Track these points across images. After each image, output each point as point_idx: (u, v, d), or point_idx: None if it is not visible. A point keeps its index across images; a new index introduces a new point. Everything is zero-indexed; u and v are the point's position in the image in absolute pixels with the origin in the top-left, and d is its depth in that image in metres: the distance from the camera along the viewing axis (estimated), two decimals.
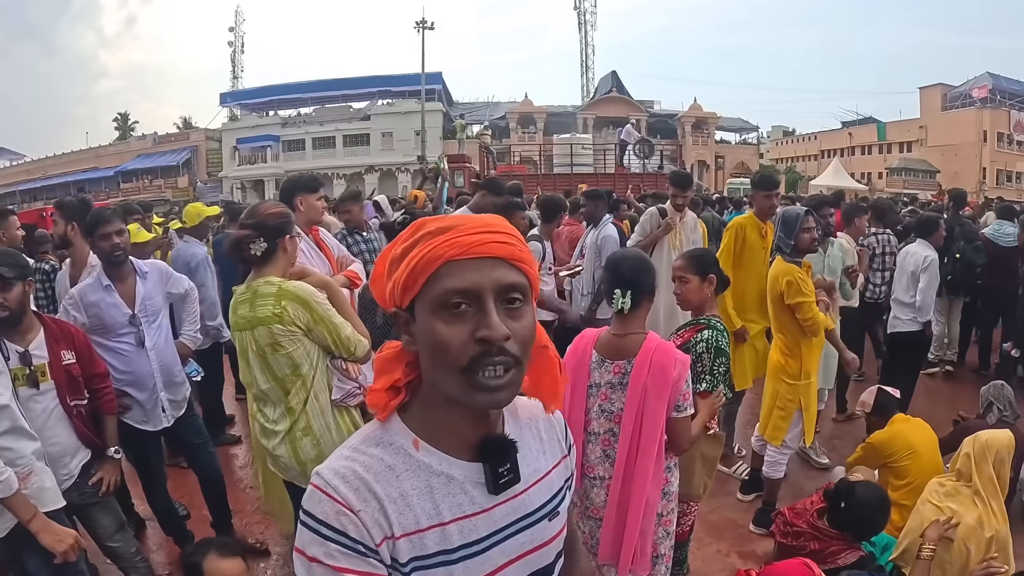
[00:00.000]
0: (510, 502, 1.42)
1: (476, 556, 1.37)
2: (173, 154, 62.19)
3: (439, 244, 1.27)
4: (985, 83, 60.54)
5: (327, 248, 4.96)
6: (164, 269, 5.02)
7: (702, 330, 3.70)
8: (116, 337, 4.46)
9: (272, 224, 3.56)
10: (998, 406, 5.55)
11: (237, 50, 72.68)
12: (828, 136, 73.92)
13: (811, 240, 5.16)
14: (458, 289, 1.25)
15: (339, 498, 1.27)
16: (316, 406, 3.58)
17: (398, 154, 53.33)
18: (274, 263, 3.57)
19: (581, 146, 34.22)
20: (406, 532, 1.31)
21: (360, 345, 3.61)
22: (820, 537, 4.08)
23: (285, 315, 3.40)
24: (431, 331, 1.27)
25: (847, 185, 34.57)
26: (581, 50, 72.32)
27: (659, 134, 52.36)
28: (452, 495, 1.36)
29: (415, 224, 1.35)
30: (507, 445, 1.41)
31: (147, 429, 4.59)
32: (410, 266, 1.29)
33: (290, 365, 3.49)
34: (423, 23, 49.82)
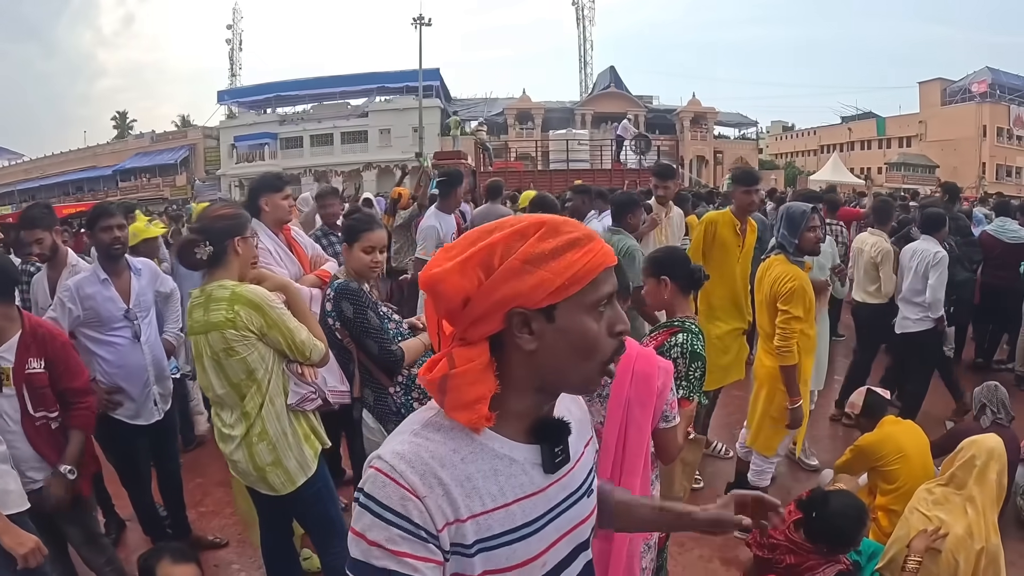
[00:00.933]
0: (561, 481, 1.48)
1: (535, 534, 1.42)
2: (171, 152, 62.17)
3: (599, 251, 1.35)
4: (984, 78, 60.49)
5: (299, 247, 4.98)
6: (154, 268, 5.15)
7: (676, 333, 3.50)
8: (111, 331, 4.52)
9: (218, 227, 3.51)
10: (991, 408, 5.41)
11: (235, 48, 72.96)
12: (827, 131, 74.21)
13: (816, 240, 5.03)
14: (610, 293, 1.37)
15: (405, 483, 1.29)
16: (272, 411, 3.52)
17: (396, 151, 53.26)
18: (225, 266, 3.51)
19: (577, 142, 34.10)
20: (473, 514, 1.33)
21: (316, 349, 3.55)
22: (796, 551, 3.92)
23: (238, 320, 3.34)
24: (584, 329, 1.34)
25: (846, 180, 34.51)
26: (579, 45, 72.54)
27: (657, 129, 52.12)
28: (514, 476, 1.40)
29: (553, 224, 1.36)
30: (563, 428, 1.46)
31: (138, 424, 4.62)
32: (573, 269, 1.31)
33: (244, 370, 3.43)
34: (420, 19, 49.73)
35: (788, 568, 3.88)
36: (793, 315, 4.81)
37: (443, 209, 7.37)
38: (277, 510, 3.85)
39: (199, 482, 6.12)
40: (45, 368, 3.67)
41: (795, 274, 4.89)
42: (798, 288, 4.82)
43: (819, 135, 76.03)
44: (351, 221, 4.13)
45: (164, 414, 4.80)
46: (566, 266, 1.31)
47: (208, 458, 6.45)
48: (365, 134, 57.41)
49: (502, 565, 1.38)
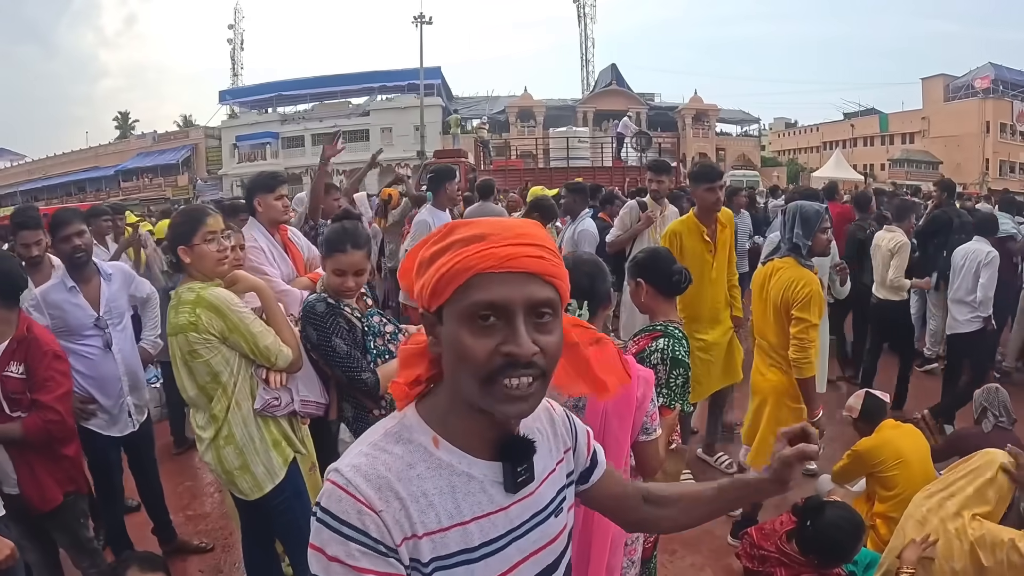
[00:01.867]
0: (524, 500, 1.44)
1: (495, 554, 1.38)
2: (173, 152, 62.34)
3: (471, 254, 1.26)
4: (987, 74, 60.43)
5: (294, 248, 4.91)
6: (127, 271, 5.04)
7: (657, 338, 3.36)
8: (81, 340, 4.43)
9: (169, 236, 3.61)
10: (992, 412, 5.27)
11: (236, 48, 73.19)
12: (830, 128, 74.11)
13: (827, 242, 4.87)
14: (488, 302, 1.25)
15: (361, 497, 1.26)
16: (238, 415, 3.52)
17: (398, 149, 53.03)
18: (186, 271, 3.57)
19: (578, 139, 34.08)
20: (428, 531, 1.30)
21: (281, 355, 3.52)
22: (787, 563, 3.80)
23: (200, 323, 3.36)
24: (457, 340, 1.27)
25: (848, 176, 34.41)
26: (581, 43, 72.77)
27: (659, 127, 52.30)
28: (472, 494, 1.36)
29: (447, 226, 1.35)
30: (526, 446, 1.43)
31: (111, 435, 4.56)
32: (439, 273, 1.28)
33: (209, 373, 3.45)
34: (421, 18, 49.78)
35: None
36: (811, 323, 4.56)
37: (436, 206, 7.36)
38: (256, 513, 3.83)
39: (188, 485, 6.17)
40: (24, 374, 3.66)
41: (809, 279, 4.65)
42: (814, 294, 4.58)
43: (822, 132, 75.83)
44: (329, 233, 3.84)
45: (140, 425, 4.74)
46: (435, 270, 1.29)
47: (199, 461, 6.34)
48: (367, 133, 56.84)
49: None
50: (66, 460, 3.90)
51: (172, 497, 5.24)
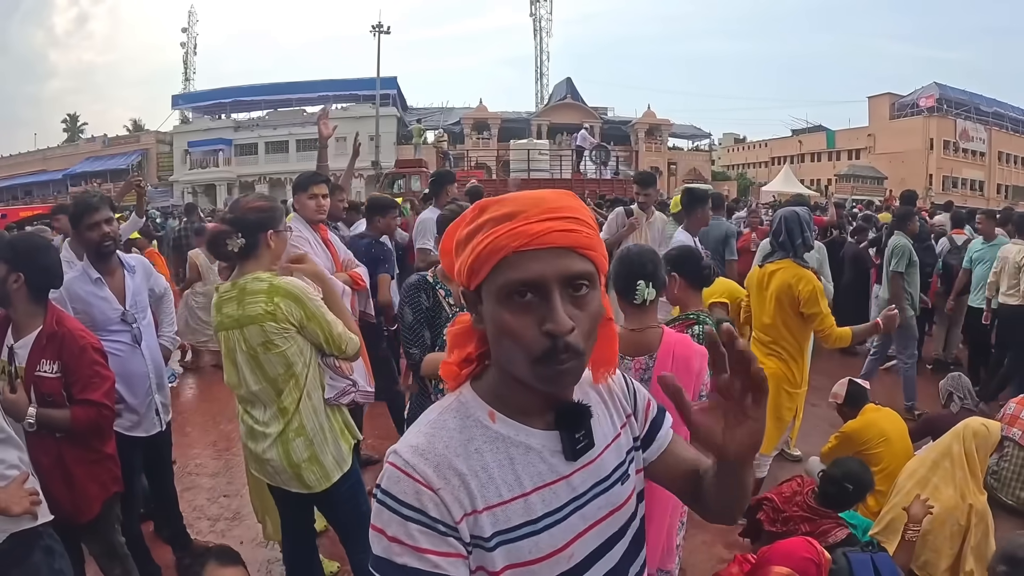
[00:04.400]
0: (587, 468, 1.43)
1: (559, 524, 1.37)
2: (123, 157, 60.44)
3: (503, 234, 1.26)
4: (932, 93, 62.22)
5: (333, 249, 5.00)
6: (147, 264, 4.82)
7: (691, 325, 3.68)
8: (108, 335, 4.10)
9: (251, 219, 3.45)
10: (958, 395, 5.83)
11: (190, 52, 71.09)
12: (779, 143, 75.55)
13: (811, 240, 5.20)
14: (523, 280, 1.25)
15: (418, 476, 1.27)
16: (309, 405, 3.47)
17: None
18: (257, 259, 3.47)
19: (538, 151, 34.27)
20: (489, 505, 1.30)
21: (351, 343, 3.53)
22: (812, 518, 4.14)
23: (278, 312, 3.30)
24: (499, 319, 1.28)
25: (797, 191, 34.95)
26: (536, 56, 72.50)
27: (613, 140, 52.19)
28: (532, 464, 1.36)
29: (479, 205, 1.34)
30: (582, 411, 1.42)
31: (138, 435, 4.30)
32: (474, 253, 1.29)
33: (283, 364, 3.38)
34: (379, 27, 49.37)
35: (803, 535, 3.98)
36: (824, 313, 4.93)
37: (437, 206, 7.56)
38: (303, 510, 3.79)
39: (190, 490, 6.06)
40: (59, 373, 3.42)
41: (808, 276, 4.97)
42: (817, 288, 4.93)
43: (770, 147, 77.23)
44: (445, 215, 4.15)
45: (166, 425, 4.56)
46: (471, 250, 1.30)
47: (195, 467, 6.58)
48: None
49: (525, 558, 1.33)
50: (109, 460, 3.71)
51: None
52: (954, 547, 4.14)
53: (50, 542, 3.10)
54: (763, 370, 1.28)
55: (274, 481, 3.61)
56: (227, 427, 7.47)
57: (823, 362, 7.74)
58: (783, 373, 5.13)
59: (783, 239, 5.11)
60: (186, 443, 7.11)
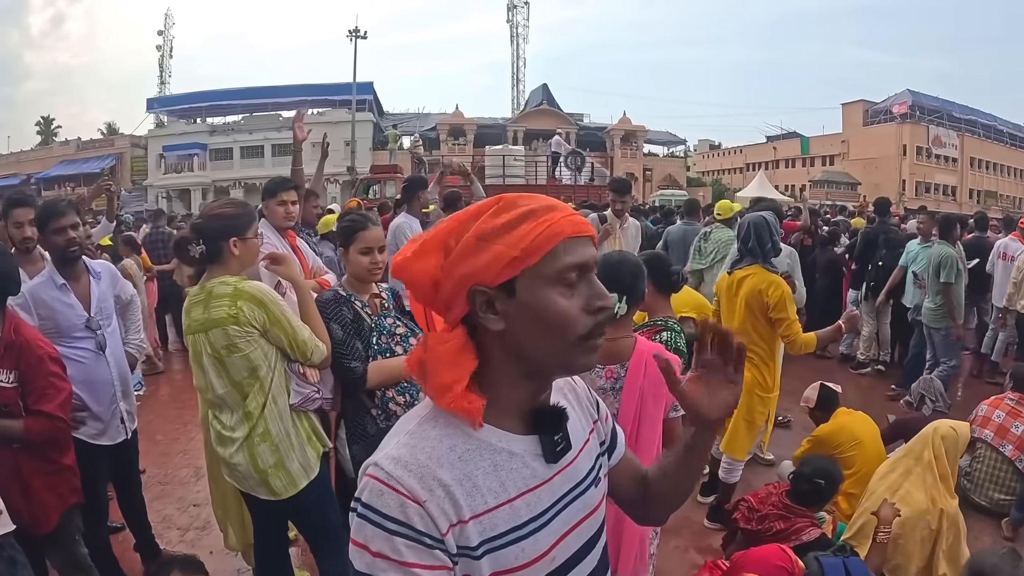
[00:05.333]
0: (565, 471, 1.45)
1: (543, 528, 1.38)
2: (97, 161, 59.47)
3: (558, 220, 1.31)
4: (905, 99, 63.08)
5: (302, 255, 4.96)
6: (113, 270, 4.73)
7: (659, 331, 3.67)
8: (72, 342, 4.08)
9: (213, 226, 3.42)
10: (929, 398, 5.86)
11: (165, 55, 70.22)
12: (753, 149, 76.12)
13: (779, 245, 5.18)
14: (577, 264, 1.31)
15: (403, 489, 1.26)
16: (275, 410, 3.44)
17: (328, 164, 52.11)
18: (223, 265, 3.43)
19: (513, 158, 34.27)
20: (475, 513, 1.30)
21: (317, 350, 3.45)
22: (786, 516, 4.16)
23: (241, 316, 3.28)
24: (550, 304, 1.30)
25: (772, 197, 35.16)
26: (512, 63, 72.32)
27: (588, 147, 52.21)
28: (516, 470, 1.37)
29: (508, 200, 1.36)
30: (559, 414, 1.44)
31: (103, 444, 4.22)
32: (527, 240, 1.29)
33: (247, 368, 3.36)
34: (356, 32, 49.27)
35: (776, 534, 4.09)
36: (791, 319, 4.89)
37: (410, 212, 7.66)
38: (273, 518, 3.73)
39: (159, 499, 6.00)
40: (15, 382, 3.35)
41: (777, 282, 4.94)
42: (785, 294, 4.90)
43: (745, 153, 77.73)
44: (345, 223, 3.91)
45: (132, 433, 4.47)
46: (520, 238, 1.29)
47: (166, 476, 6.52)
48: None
49: (511, 564, 1.34)
50: (68, 471, 3.64)
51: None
52: (925, 551, 4.15)
53: (12, 553, 3.07)
54: (743, 342, 1.47)
55: (243, 486, 3.57)
56: (198, 435, 7.26)
57: (797, 366, 7.75)
58: (755, 378, 5.12)
59: (751, 244, 5.09)
60: (157, 451, 7.05)
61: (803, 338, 4.88)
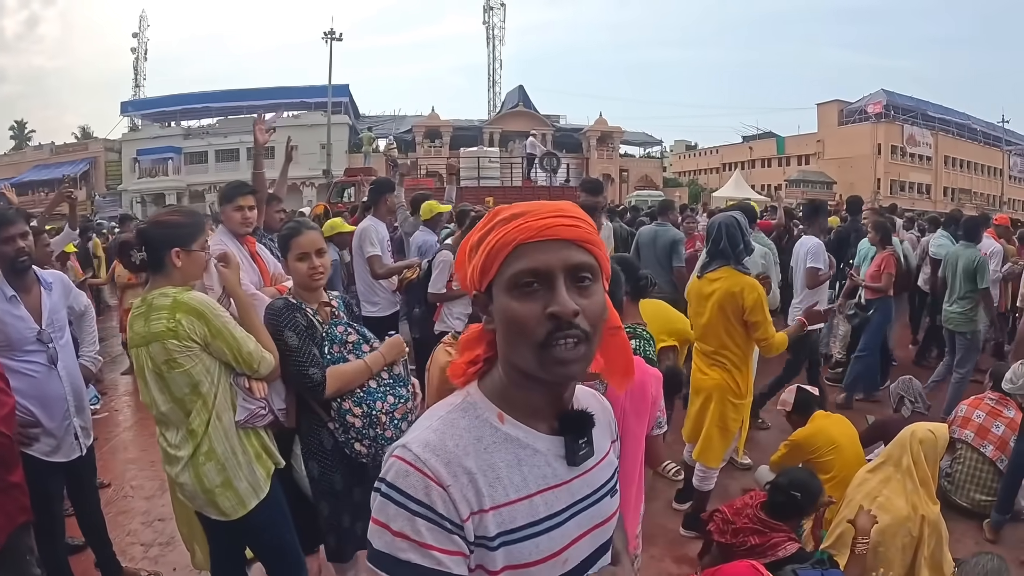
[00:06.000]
0: (585, 476, 1.49)
1: (558, 527, 1.41)
2: (71, 166, 58.49)
3: (511, 229, 1.35)
4: (880, 99, 64.06)
5: (262, 262, 4.84)
6: (66, 280, 4.63)
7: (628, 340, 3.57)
8: (22, 356, 3.98)
9: (156, 234, 3.32)
10: (908, 399, 5.80)
11: (140, 57, 69.62)
12: (729, 150, 77.04)
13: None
14: (528, 269, 1.33)
15: (429, 472, 1.30)
16: (219, 428, 3.28)
17: (303, 168, 51.66)
18: (166, 276, 3.30)
19: (488, 159, 34.24)
20: (496, 504, 1.34)
21: (264, 361, 3.34)
22: (762, 531, 4.04)
23: (180, 329, 3.13)
24: (507, 309, 1.34)
25: (748, 197, 35.34)
26: (488, 64, 72.48)
27: (565, 148, 52.44)
28: (538, 467, 1.41)
29: (492, 212, 1.43)
30: (586, 419, 1.47)
31: (56, 461, 4.11)
32: (486, 251, 1.37)
33: (189, 384, 3.20)
34: (331, 34, 49.11)
35: (751, 549, 3.97)
36: (767, 322, 4.85)
37: (376, 216, 7.52)
38: (228, 536, 3.60)
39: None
40: None
41: (752, 284, 4.87)
42: (760, 297, 4.84)
43: (721, 153, 78.50)
44: (281, 233, 3.85)
45: (87, 449, 4.35)
46: (483, 248, 1.38)
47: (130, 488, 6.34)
48: (272, 150, 53.33)
49: (524, 560, 1.37)
50: (15, 489, 3.49)
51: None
52: (906, 559, 4.05)
53: None
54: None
55: (193, 506, 3.46)
56: None
57: (774, 367, 7.64)
58: (727, 384, 5.05)
59: (722, 246, 4.98)
60: (121, 464, 6.91)
61: (777, 340, 4.84)
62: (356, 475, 3.62)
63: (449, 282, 6.74)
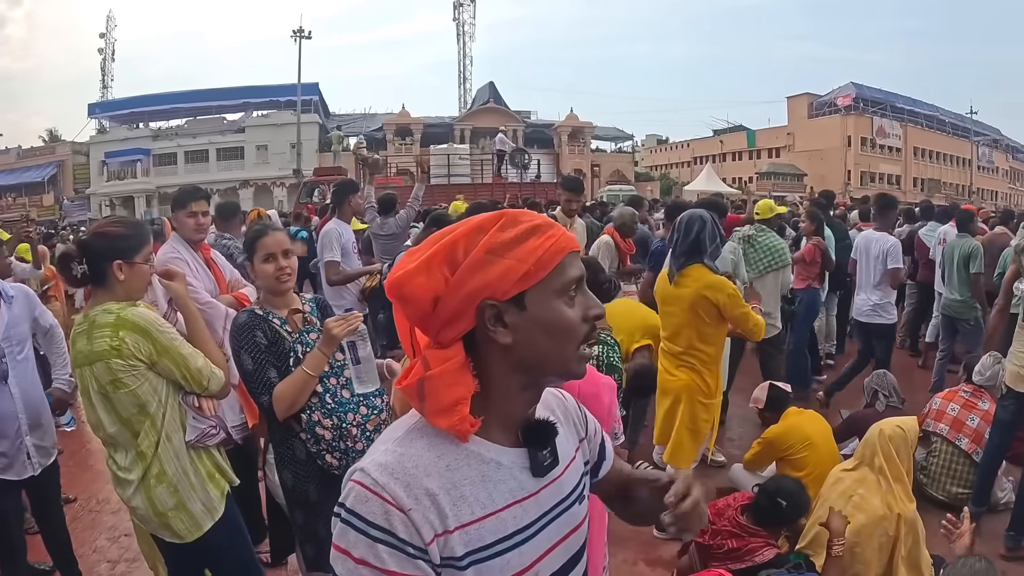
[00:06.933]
0: (552, 485, 1.46)
1: (528, 541, 1.39)
2: (38, 170, 58.18)
3: (561, 236, 1.36)
4: (849, 92, 64.83)
5: (217, 269, 4.71)
6: (30, 294, 4.45)
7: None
8: None
9: (96, 245, 3.17)
10: (883, 393, 5.77)
11: (107, 58, 68.39)
12: (700, 144, 77.39)
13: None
14: (577, 277, 1.37)
15: (388, 496, 1.26)
16: (169, 449, 3.15)
17: (273, 168, 51.72)
18: (108, 290, 3.16)
19: (458, 156, 34.24)
20: (461, 524, 1.30)
21: (214, 378, 3.24)
22: (740, 535, 3.99)
23: (124, 347, 2.99)
24: (558, 314, 1.35)
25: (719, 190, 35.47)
26: (459, 61, 72.31)
27: (536, 144, 52.48)
28: (503, 481, 1.38)
29: (511, 215, 1.37)
30: (549, 428, 1.45)
31: (7, 479, 3.97)
32: (537, 255, 1.32)
33: (135, 404, 3.07)
34: (300, 32, 48.88)
35: (729, 551, 3.93)
36: (748, 311, 4.78)
37: (340, 217, 7.37)
38: (185, 558, 3.42)
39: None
40: None
41: (723, 281, 4.80)
42: (733, 292, 4.78)
43: (692, 147, 78.90)
44: (247, 235, 3.71)
45: (43, 469, 4.14)
46: (529, 252, 1.31)
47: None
48: (242, 150, 55.06)
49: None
50: None
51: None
52: (883, 558, 4.00)
53: None
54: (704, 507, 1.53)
55: (148, 528, 3.35)
56: None
57: (745, 362, 7.60)
58: (696, 384, 4.96)
59: (692, 244, 4.87)
60: (89, 477, 6.73)
61: (759, 323, 4.84)
62: (332, 486, 3.38)
63: None
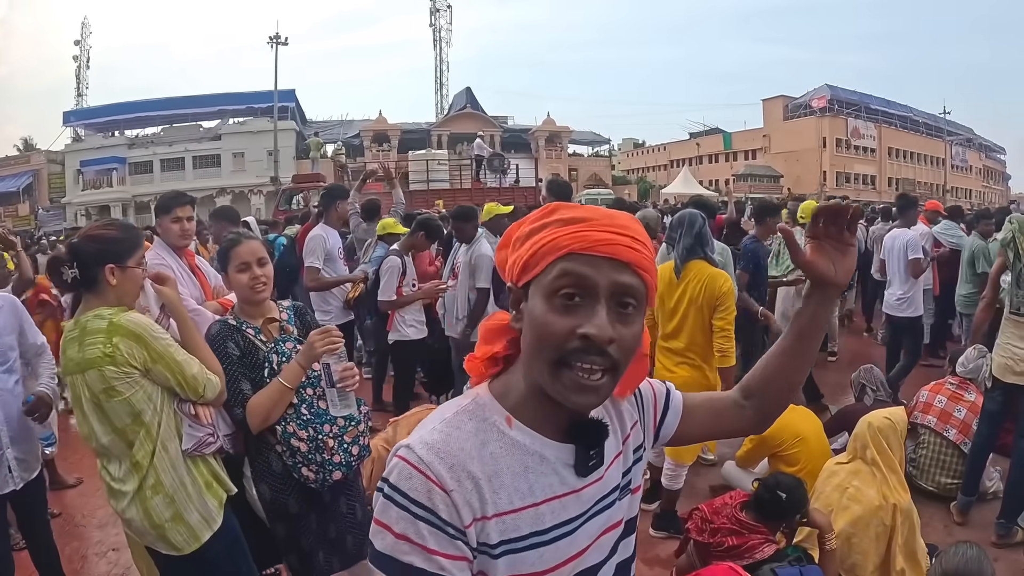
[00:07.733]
0: (595, 484, 1.41)
1: (566, 537, 1.35)
2: (13, 179, 57.44)
3: (566, 234, 1.28)
4: (824, 94, 65.77)
5: (202, 276, 4.68)
6: (18, 305, 4.31)
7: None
8: None
9: (87, 249, 3.06)
10: (870, 388, 5.86)
11: (82, 65, 67.76)
12: (677, 146, 78.16)
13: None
14: (573, 282, 1.25)
15: (432, 475, 1.24)
16: (165, 459, 3.05)
17: (250, 175, 51.46)
18: (99, 295, 3.06)
19: (437, 162, 34.19)
20: (499, 512, 1.28)
21: (210, 384, 3.11)
22: (739, 532, 3.98)
23: (117, 354, 2.89)
24: (538, 315, 1.27)
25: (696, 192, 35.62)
26: (436, 67, 72.30)
27: (514, 148, 52.55)
28: (545, 475, 1.34)
29: (551, 206, 1.35)
30: (600, 429, 1.40)
31: None
32: (533, 248, 1.30)
33: (130, 413, 2.97)
34: (277, 38, 48.70)
35: (728, 550, 3.91)
36: (731, 314, 4.80)
37: (327, 223, 7.37)
38: (182, 571, 3.26)
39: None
40: None
41: (725, 276, 4.86)
42: (731, 288, 4.83)
43: (669, 150, 79.53)
44: (221, 245, 3.65)
45: (25, 483, 4.02)
46: (531, 244, 1.31)
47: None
48: (218, 158, 54.75)
49: (528, 570, 1.32)
50: None
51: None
52: (880, 548, 4.06)
53: None
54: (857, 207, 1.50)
55: (143, 541, 3.24)
56: None
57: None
58: (697, 381, 4.92)
59: (695, 236, 4.93)
60: (76, 490, 6.64)
61: (731, 348, 4.90)
62: (312, 498, 3.40)
63: (399, 287, 6.65)
